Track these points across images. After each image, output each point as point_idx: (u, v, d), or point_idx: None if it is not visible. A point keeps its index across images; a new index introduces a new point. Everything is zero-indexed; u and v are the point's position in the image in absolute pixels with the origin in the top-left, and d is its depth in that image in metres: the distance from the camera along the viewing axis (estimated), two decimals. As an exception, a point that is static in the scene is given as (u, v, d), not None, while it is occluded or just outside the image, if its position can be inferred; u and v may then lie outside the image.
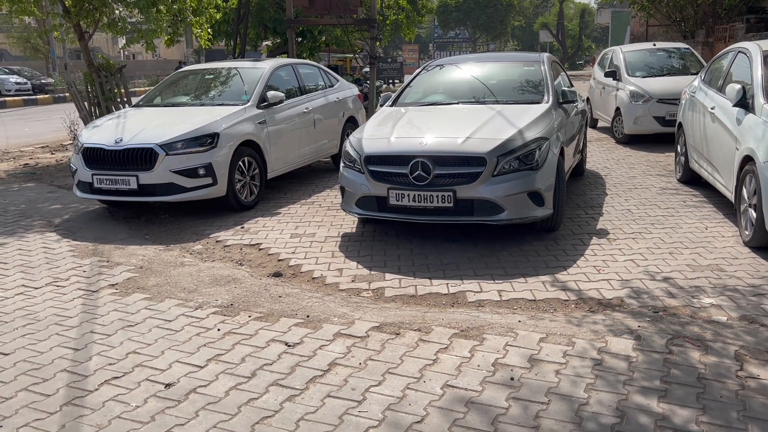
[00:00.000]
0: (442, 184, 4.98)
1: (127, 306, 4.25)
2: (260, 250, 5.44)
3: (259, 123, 7.07)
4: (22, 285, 4.74)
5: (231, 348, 3.55)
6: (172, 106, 7.42)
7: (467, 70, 6.86)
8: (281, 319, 3.94)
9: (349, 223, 6.14)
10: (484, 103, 6.07)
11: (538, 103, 5.96)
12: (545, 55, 6.89)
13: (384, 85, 25.06)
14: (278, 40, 18.79)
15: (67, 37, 17.34)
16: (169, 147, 6.22)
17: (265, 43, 19.60)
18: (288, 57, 16.33)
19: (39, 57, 37.87)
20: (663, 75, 10.97)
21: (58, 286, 4.71)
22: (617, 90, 10.96)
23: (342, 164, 5.66)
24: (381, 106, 6.75)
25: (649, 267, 4.62)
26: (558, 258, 4.89)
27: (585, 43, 59.51)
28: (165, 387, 3.14)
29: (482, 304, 4.06)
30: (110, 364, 3.41)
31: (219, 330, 3.80)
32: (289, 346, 3.55)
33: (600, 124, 12.74)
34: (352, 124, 9.27)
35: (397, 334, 3.65)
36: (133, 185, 6.24)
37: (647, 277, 4.42)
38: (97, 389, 3.15)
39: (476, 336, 3.57)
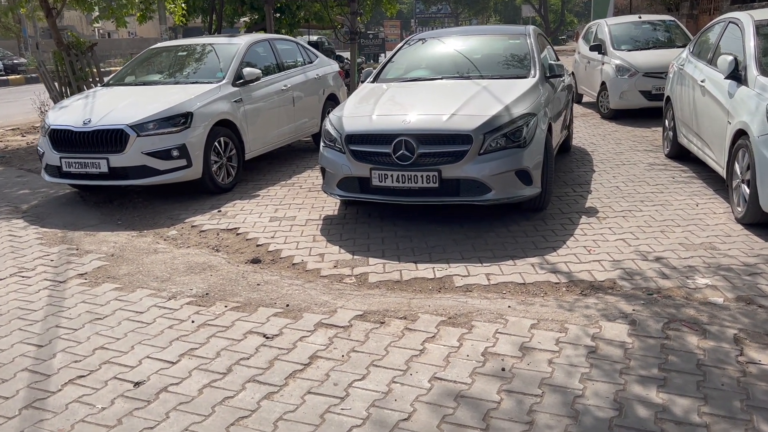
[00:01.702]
0: (426, 163, 4.77)
1: (95, 297, 4.02)
2: (238, 234, 5.21)
3: (235, 101, 6.79)
4: (-15, 276, 4.49)
5: (205, 341, 3.35)
6: (144, 84, 7.11)
7: (450, 44, 6.62)
8: (259, 308, 3.74)
9: (331, 205, 5.92)
10: (468, 78, 5.85)
11: (525, 77, 5.75)
12: (531, 28, 6.67)
13: (365, 62, 24.67)
14: (256, 16, 18.32)
15: (34, 15, 16.76)
16: (140, 128, 5.94)
17: (242, 19, 19.10)
18: (266, 33, 15.94)
19: (10, 36, 36.84)
20: (649, 48, 10.78)
21: (23, 276, 4.46)
22: (603, 64, 10.77)
23: (322, 144, 5.43)
24: (362, 82, 6.50)
25: (641, 246, 4.46)
26: (547, 238, 4.73)
27: (567, 18, 59.05)
28: (134, 386, 2.94)
29: (470, 289, 3.88)
30: (76, 362, 3.19)
31: (193, 322, 3.60)
32: (267, 338, 3.35)
33: (585, 99, 12.57)
34: (332, 101, 9.00)
35: (382, 323, 3.46)
36: (104, 168, 5.97)
37: (639, 258, 4.27)
38: (60, 389, 2.94)
39: (464, 323, 3.40)
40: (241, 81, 6.97)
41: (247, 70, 7.03)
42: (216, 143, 6.42)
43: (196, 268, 4.47)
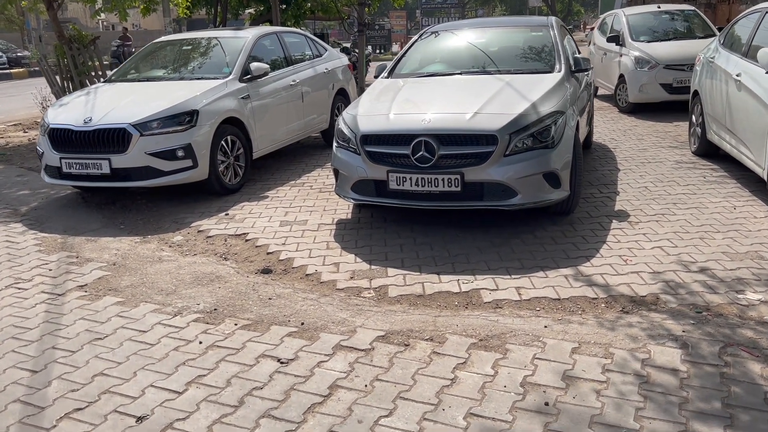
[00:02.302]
0: (448, 165, 4.46)
1: (96, 313, 3.73)
2: (247, 241, 4.92)
3: (242, 98, 6.48)
4: (-21, 288, 4.21)
5: (214, 366, 3.06)
6: (148, 80, 6.80)
7: (468, 37, 6.29)
8: (272, 327, 3.45)
9: (344, 207, 5.62)
10: (489, 73, 5.53)
11: (549, 72, 5.42)
12: (552, 19, 6.33)
13: (372, 54, 24.31)
14: (261, 8, 17.96)
15: (35, 7, 16.45)
16: (143, 126, 5.64)
17: (247, 11, 18.74)
18: (272, 25, 15.60)
19: (14, 29, 36.57)
20: (669, 39, 10.40)
21: (19, 288, 4.18)
22: (620, 56, 10.40)
23: (335, 144, 5.12)
24: (375, 77, 6.18)
25: (681, 256, 4.15)
26: (578, 246, 4.41)
27: (574, 8, 58.39)
28: (137, 421, 2.65)
29: (500, 305, 3.58)
30: (73, 391, 2.90)
31: (201, 343, 3.30)
32: (282, 363, 3.06)
33: (601, 92, 12.20)
34: (342, 96, 8.69)
35: (406, 345, 3.17)
36: (105, 169, 5.67)
37: (681, 268, 3.95)
38: (54, 426, 2.65)
39: (498, 347, 3.10)
40: (248, 76, 6.65)
41: (254, 64, 6.72)
42: (222, 142, 6.11)
43: (204, 280, 4.18)
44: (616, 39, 10.70)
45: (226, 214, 5.59)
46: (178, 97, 5.94)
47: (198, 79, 6.54)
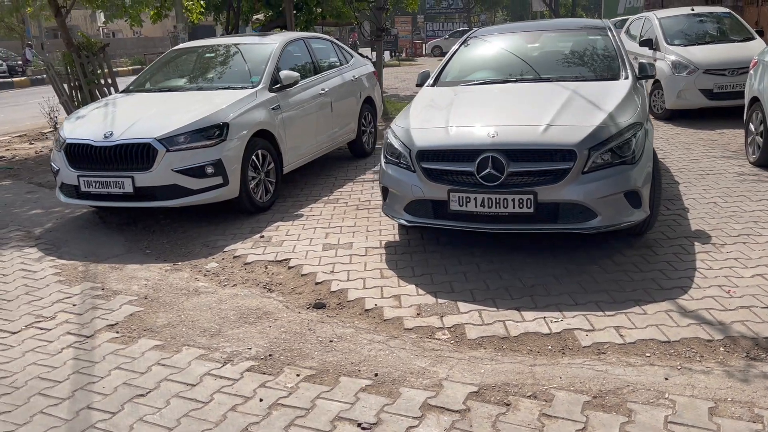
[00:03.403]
0: (518, 184, 3.99)
1: (133, 361, 3.25)
2: (290, 268, 4.44)
3: (273, 109, 6.01)
4: (-4, 328, 3.73)
5: (284, 434, 2.58)
6: (169, 90, 6.33)
7: (518, 41, 5.82)
8: (341, 379, 2.96)
9: (389, 228, 5.15)
10: (547, 80, 5.05)
11: (615, 79, 4.96)
12: (608, 21, 5.86)
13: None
14: (270, 13, 17.53)
15: (42, 14, 16.03)
16: (170, 141, 5.17)
17: (255, 17, 18.30)
18: (284, 30, 15.14)
19: (14, 36, 36.08)
20: (705, 43, 9.95)
21: (41, 329, 3.70)
22: (655, 60, 9.93)
23: (383, 159, 4.65)
24: (419, 86, 5.71)
25: (790, 286, 3.67)
26: (666, 274, 3.93)
27: (578, 12, 58.05)
28: None
29: (603, 350, 3.10)
30: (118, 467, 2.42)
31: (261, 401, 2.82)
32: (364, 429, 2.58)
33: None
34: (369, 105, 8.23)
35: (507, 404, 2.68)
36: (128, 188, 5.20)
37: (796, 302, 3.47)
38: None
39: (618, 406, 2.62)
40: (277, 86, 6.19)
41: (284, 73, 6.25)
42: (253, 157, 5.64)
43: (250, 317, 3.70)
44: (649, 43, 10.25)
45: (262, 237, 5.12)
46: (205, 109, 5.47)
47: (224, 89, 6.07)
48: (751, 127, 6.72)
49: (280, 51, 6.56)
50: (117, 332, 3.59)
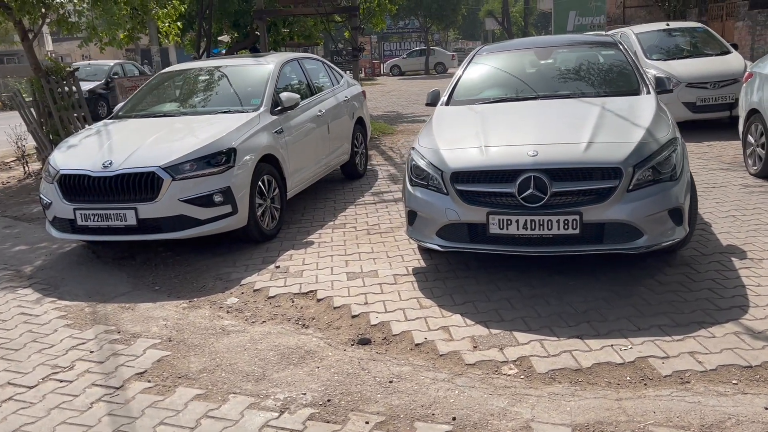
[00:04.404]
0: (563, 204, 3.83)
1: (176, 414, 2.94)
2: (319, 301, 4.17)
3: (276, 132, 5.75)
4: (9, 383, 3.35)
5: (375, 493, 2.32)
6: (164, 116, 5.99)
7: (531, 57, 5.72)
8: (416, 425, 2.72)
9: (409, 252, 4.93)
10: (570, 96, 4.95)
11: (636, 94, 4.89)
12: (617, 36, 5.82)
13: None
14: (235, 35, 17.22)
15: (5, 37, 15.36)
16: (175, 170, 4.87)
17: (220, 38, 17.96)
18: (255, 52, 14.87)
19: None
20: (683, 57, 10.12)
21: (60, 381, 3.34)
22: (636, 75, 10.02)
23: (409, 182, 4.44)
24: (429, 105, 5.55)
25: None
26: (716, 292, 3.82)
27: (530, 30, 59.27)
28: None
29: (686, 379, 2.94)
30: None
31: (336, 454, 2.56)
32: (463, 482, 2.34)
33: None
34: (360, 126, 8.04)
35: (609, 445, 2.49)
36: (131, 221, 4.86)
37: None
38: None
39: (728, 442, 2.45)
40: (278, 108, 5.94)
41: (285, 95, 6.01)
42: (260, 183, 5.36)
43: (293, 357, 3.42)
44: (628, 58, 10.35)
45: (277, 267, 4.83)
46: (210, 135, 5.19)
47: (224, 112, 5.79)
48: (750, 138, 6.77)
49: (278, 72, 6.32)
50: (149, 381, 3.27)
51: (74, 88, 10.07)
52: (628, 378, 2.99)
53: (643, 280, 4.07)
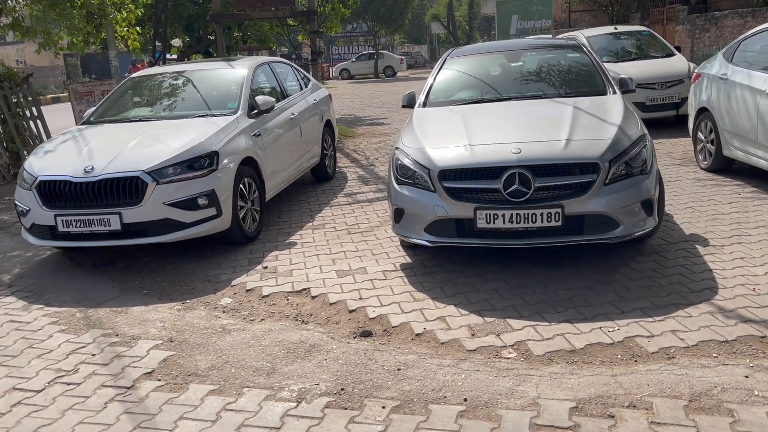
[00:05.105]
0: (545, 198, 4.07)
1: (195, 409, 3.02)
2: (314, 298, 4.29)
3: (254, 135, 5.83)
4: (14, 389, 3.35)
5: (405, 469, 2.47)
6: (140, 120, 5.98)
7: (501, 60, 5.97)
8: (431, 407, 2.88)
9: (393, 250, 5.09)
10: (541, 97, 5.21)
11: (603, 94, 5.19)
12: (582, 39, 6.14)
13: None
14: (187, 39, 17.04)
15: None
16: (159, 174, 4.90)
17: (172, 42, 17.74)
18: (211, 57, 14.78)
19: None
20: (631, 59, 10.62)
21: (67, 384, 3.36)
22: (588, 76, 10.46)
23: (395, 181, 4.61)
24: (406, 107, 5.73)
25: (805, 280, 3.94)
26: (687, 276, 4.12)
27: (475, 35, 60.35)
28: None
29: (671, 355, 3.19)
30: None
31: (361, 437, 2.70)
32: (484, 455, 2.51)
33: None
34: (329, 128, 8.16)
35: (611, 416, 2.71)
36: (115, 225, 4.86)
37: (817, 294, 3.73)
38: None
39: (717, 408, 2.70)
40: (255, 111, 6.01)
41: (260, 98, 6.09)
42: (241, 185, 5.43)
43: (298, 351, 3.54)
44: (580, 60, 10.79)
45: (265, 267, 4.92)
46: (191, 138, 5.23)
47: (202, 116, 5.83)
48: (700, 135, 7.20)
49: (252, 76, 6.39)
50: (159, 380, 3.33)
51: (29, 95, 9.87)
52: (619, 356, 3.23)
53: (619, 268, 4.35)
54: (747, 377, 2.92)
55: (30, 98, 9.93)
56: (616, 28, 11.46)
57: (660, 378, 2.97)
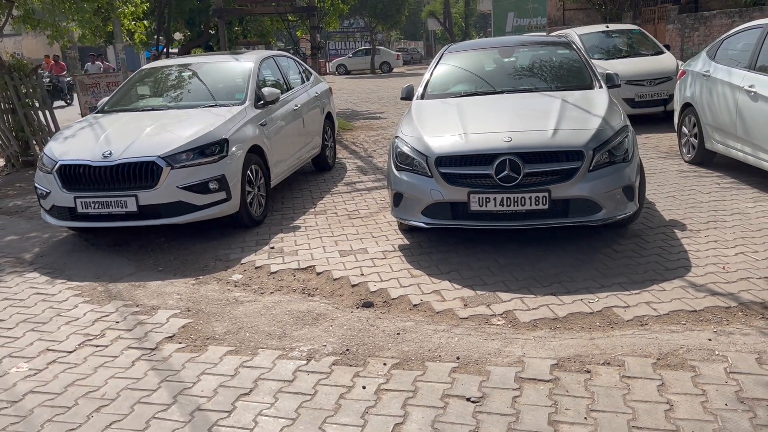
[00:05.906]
0: (534, 183, 4.41)
1: (215, 366, 3.35)
2: (319, 274, 4.62)
3: (261, 125, 6.15)
4: (48, 350, 3.68)
5: (405, 413, 2.81)
6: (152, 109, 6.30)
7: (495, 56, 6.31)
8: (427, 364, 3.23)
9: (392, 233, 5.43)
10: (533, 90, 5.55)
11: (590, 88, 5.53)
12: (572, 35, 6.48)
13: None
14: (188, 33, 17.32)
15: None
16: (173, 159, 5.22)
17: (173, 36, 17.99)
18: (211, 51, 15.07)
19: None
20: (621, 57, 10.96)
21: (97, 345, 3.69)
22: (580, 73, 10.81)
23: (394, 167, 4.94)
24: (405, 99, 6.05)
25: (770, 260, 4.30)
26: (664, 257, 4.48)
27: (471, 32, 60.68)
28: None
29: (644, 322, 3.54)
30: (263, 456, 2.57)
31: (365, 388, 3.04)
32: (474, 402, 2.86)
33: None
34: (329, 120, 8.48)
35: (588, 372, 3.06)
36: (132, 207, 5.18)
37: (780, 272, 4.09)
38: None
39: (681, 365, 3.05)
40: (261, 102, 6.34)
41: (266, 90, 6.41)
42: (248, 172, 5.76)
43: (306, 318, 3.87)
44: (572, 57, 11.14)
45: (272, 248, 5.25)
46: (203, 126, 5.55)
47: (212, 106, 6.15)
48: (684, 129, 7.56)
49: (258, 69, 6.71)
50: (180, 342, 3.66)
51: (37, 85, 10.16)
52: (598, 323, 3.58)
53: (601, 249, 4.70)
54: (710, 340, 3.28)
55: (39, 89, 10.23)
56: (607, 27, 11.81)
57: (633, 341, 3.32)
